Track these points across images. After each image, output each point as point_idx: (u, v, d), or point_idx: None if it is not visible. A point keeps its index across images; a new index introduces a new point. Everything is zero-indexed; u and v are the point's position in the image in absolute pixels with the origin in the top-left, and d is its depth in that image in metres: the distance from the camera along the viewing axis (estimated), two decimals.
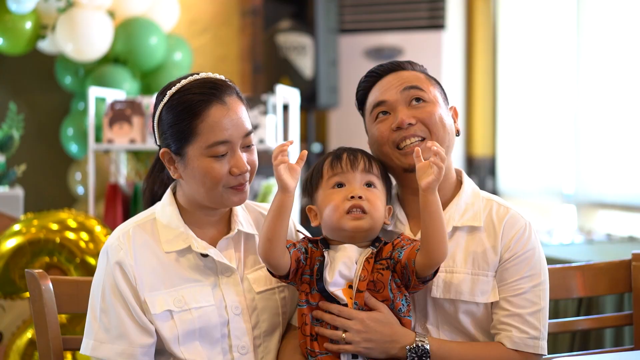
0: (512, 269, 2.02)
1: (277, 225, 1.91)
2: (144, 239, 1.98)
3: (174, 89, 1.98)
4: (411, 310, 2.01)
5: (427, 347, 1.94)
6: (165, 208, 2.03)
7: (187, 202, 2.02)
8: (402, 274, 1.94)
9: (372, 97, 2.10)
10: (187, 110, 1.94)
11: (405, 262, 1.91)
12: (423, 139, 2.03)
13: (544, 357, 2.04)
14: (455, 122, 2.12)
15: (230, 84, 2.02)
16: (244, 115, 1.99)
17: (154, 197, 2.12)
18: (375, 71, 2.11)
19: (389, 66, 2.10)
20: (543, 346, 2.02)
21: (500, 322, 2.02)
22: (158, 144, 2.03)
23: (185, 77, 2.00)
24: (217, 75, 2.02)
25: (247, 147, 2.00)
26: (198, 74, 2.01)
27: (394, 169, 2.08)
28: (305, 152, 1.93)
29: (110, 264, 1.95)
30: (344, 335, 1.91)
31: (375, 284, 1.94)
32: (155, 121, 2.01)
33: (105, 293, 1.95)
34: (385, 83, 2.08)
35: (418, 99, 2.04)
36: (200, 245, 1.99)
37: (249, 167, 1.98)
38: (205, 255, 1.99)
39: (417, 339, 1.95)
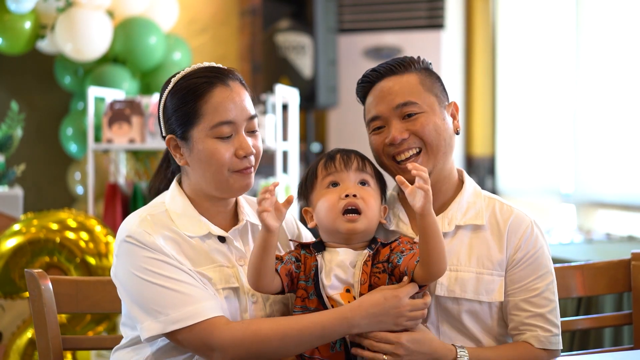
0: (528, 269, 2.03)
1: (263, 260, 1.91)
2: (164, 225, 1.96)
3: (178, 76, 2.00)
4: None
5: (467, 359, 1.96)
6: (175, 199, 2.02)
7: (194, 192, 2.02)
8: (400, 279, 1.94)
9: (368, 106, 2.09)
10: (191, 92, 1.95)
11: (404, 271, 1.91)
12: (419, 151, 2.04)
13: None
14: (455, 118, 2.11)
15: (235, 71, 2.03)
16: (248, 100, 2.00)
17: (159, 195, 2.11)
18: (368, 77, 2.10)
19: (382, 71, 2.08)
20: (561, 341, 2.08)
21: (523, 324, 2.03)
22: (164, 134, 2.03)
23: (189, 67, 2.03)
24: (221, 65, 2.04)
25: (251, 132, 2.00)
26: (202, 63, 2.03)
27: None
28: (292, 196, 1.90)
29: (140, 247, 1.91)
30: (385, 358, 1.89)
31: (373, 288, 1.93)
32: (161, 109, 2.02)
33: (151, 270, 1.89)
34: (379, 93, 2.06)
35: (411, 114, 2.03)
36: (218, 230, 2.00)
37: (254, 150, 1.98)
38: (222, 241, 2.00)
39: (458, 353, 1.95)
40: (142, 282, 1.90)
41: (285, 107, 4.88)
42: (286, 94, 4.82)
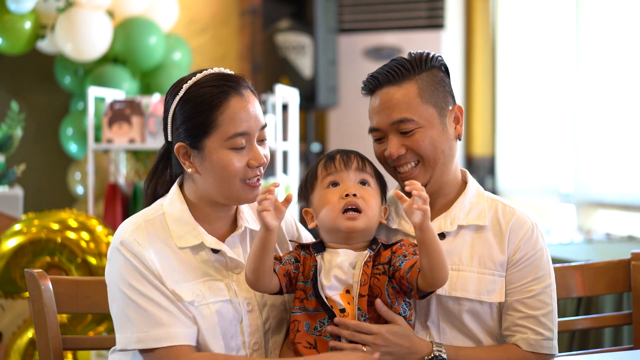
0: (524, 270, 2.03)
1: (261, 259, 1.91)
2: (157, 234, 1.97)
3: (189, 83, 1.97)
4: (413, 315, 2.00)
5: (445, 355, 1.95)
6: (174, 204, 2.01)
7: (198, 197, 2.01)
8: (401, 283, 1.93)
9: (370, 112, 2.09)
10: (205, 102, 1.94)
11: (407, 277, 1.90)
12: (417, 163, 2.05)
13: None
14: (459, 123, 2.11)
15: (245, 78, 2.03)
16: (259, 109, 2.00)
17: (156, 198, 2.09)
18: (368, 84, 2.09)
19: (381, 78, 2.06)
20: (555, 346, 2.05)
21: (515, 325, 2.03)
22: (170, 139, 2.02)
23: (199, 72, 2.01)
24: (229, 71, 2.03)
25: (261, 142, 2.00)
26: (212, 68, 2.01)
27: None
28: (291, 195, 1.91)
29: (129, 258, 1.92)
30: (364, 349, 1.90)
31: (372, 289, 1.93)
32: (170, 116, 1.99)
33: (132, 284, 1.91)
34: (378, 104, 2.06)
35: (407, 131, 2.03)
36: (212, 241, 1.99)
37: (265, 160, 1.99)
38: (216, 252, 1.99)
39: (434, 348, 1.95)
40: (122, 295, 1.92)
41: (285, 107, 4.89)
42: (286, 94, 4.82)
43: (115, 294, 1.94)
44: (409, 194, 1.86)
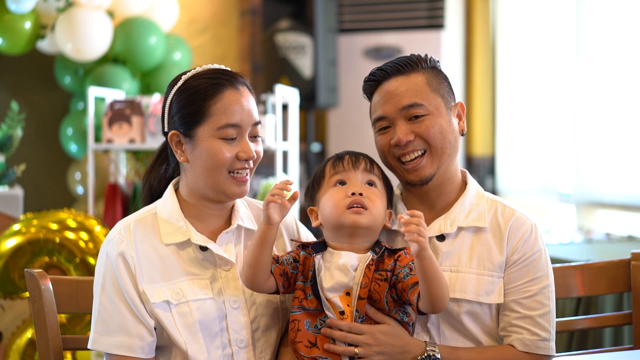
0: (522, 270, 2.03)
1: (260, 253, 1.93)
2: (144, 232, 2.01)
3: (188, 75, 2.03)
4: (412, 321, 2.00)
5: (438, 355, 1.95)
6: (166, 202, 2.05)
7: (189, 192, 2.04)
8: (402, 294, 1.94)
9: (374, 105, 2.10)
10: (201, 91, 1.99)
11: (408, 293, 1.91)
12: (423, 153, 2.04)
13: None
14: (461, 119, 2.11)
15: (244, 76, 2.07)
16: (254, 105, 2.04)
17: (153, 193, 2.14)
18: (375, 75, 2.10)
19: (389, 70, 2.08)
20: (552, 347, 2.04)
21: (511, 325, 2.02)
22: (166, 130, 2.06)
23: (200, 67, 2.06)
24: (230, 69, 2.07)
25: (254, 137, 2.03)
26: (212, 65, 2.06)
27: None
28: (297, 192, 1.96)
29: (111, 257, 1.97)
30: (356, 350, 1.91)
31: (371, 293, 1.93)
32: (167, 106, 2.05)
33: (105, 286, 1.97)
34: (385, 93, 2.07)
35: (417, 116, 2.04)
36: (200, 238, 2.01)
37: (255, 155, 2.01)
38: (204, 249, 2.01)
39: (427, 348, 1.95)
40: (97, 295, 1.99)
41: (285, 107, 4.88)
42: (286, 94, 4.82)
43: (94, 292, 2.01)
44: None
